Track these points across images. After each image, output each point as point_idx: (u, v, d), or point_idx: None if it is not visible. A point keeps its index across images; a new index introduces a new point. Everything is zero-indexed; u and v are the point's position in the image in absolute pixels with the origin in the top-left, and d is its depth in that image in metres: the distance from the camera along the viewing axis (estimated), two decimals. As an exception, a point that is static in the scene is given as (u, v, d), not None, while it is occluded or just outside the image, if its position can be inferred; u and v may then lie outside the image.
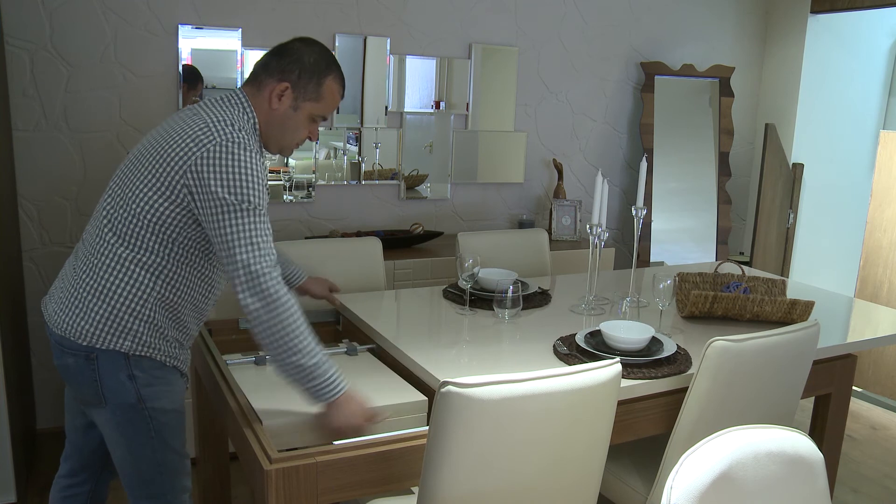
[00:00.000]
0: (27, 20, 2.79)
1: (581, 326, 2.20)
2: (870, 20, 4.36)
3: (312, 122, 1.73)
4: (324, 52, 1.71)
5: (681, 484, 1.10)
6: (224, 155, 1.53)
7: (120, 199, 1.60)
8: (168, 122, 1.66)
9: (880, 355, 4.11)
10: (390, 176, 3.51)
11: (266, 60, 1.70)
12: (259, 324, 1.52)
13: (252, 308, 1.51)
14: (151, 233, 1.57)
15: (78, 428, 1.81)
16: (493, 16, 3.63)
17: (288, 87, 1.67)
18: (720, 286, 2.53)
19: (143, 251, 1.58)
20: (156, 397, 1.63)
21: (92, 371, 1.59)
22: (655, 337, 2.04)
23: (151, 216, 1.56)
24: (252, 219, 1.53)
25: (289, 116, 1.69)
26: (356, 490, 1.55)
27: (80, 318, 1.58)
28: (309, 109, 1.70)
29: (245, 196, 1.53)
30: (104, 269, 1.58)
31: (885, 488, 3.01)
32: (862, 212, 4.56)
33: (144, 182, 1.57)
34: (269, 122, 1.69)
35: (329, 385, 1.56)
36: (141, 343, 1.60)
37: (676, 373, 1.86)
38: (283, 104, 1.68)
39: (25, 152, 2.87)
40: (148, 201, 1.56)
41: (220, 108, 1.63)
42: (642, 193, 2.41)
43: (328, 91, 1.71)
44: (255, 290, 1.51)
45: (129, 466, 1.67)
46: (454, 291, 2.48)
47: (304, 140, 1.76)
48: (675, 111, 4.09)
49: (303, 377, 1.54)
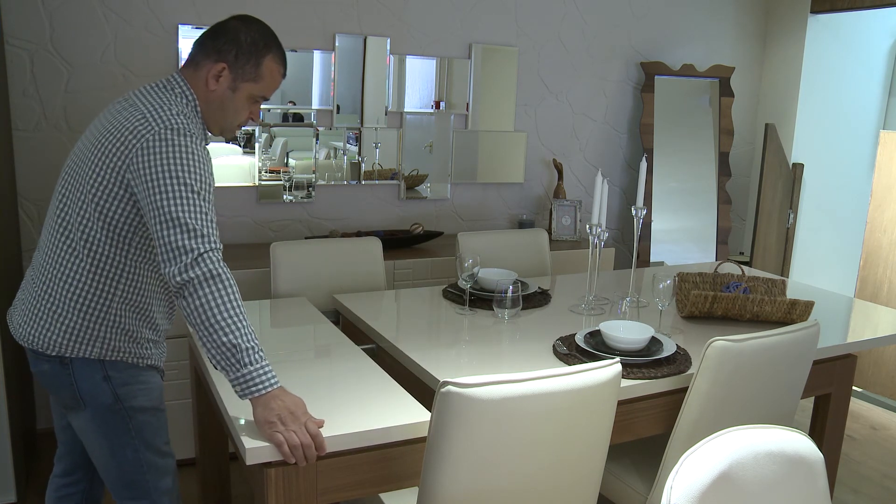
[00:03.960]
0: (27, 20, 2.79)
1: (581, 326, 2.20)
2: (870, 20, 4.36)
3: (254, 102, 1.68)
4: (263, 30, 1.66)
5: (681, 484, 1.10)
6: (162, 142, 1.48)
7: (70, 204, 1.56)
8: (104, 115, 1.61)
9: (880, 355, 4.11)
10: (390, 176, 3.51)
11: (202, 40, 1.65)
12: (192, 300, 1.41)
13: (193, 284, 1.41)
14: (105, 235, 1.54)
15: (65, 427, 1.81)
16: (493, 16, 3.63)
17: (225, 67, 1.61)
18: (720, 286, 2.53)
19: (100, 257, 1.55)
20: (132, 396, 1.63)
21: (68, 375, 1.59)
22: (655, 337, 2.04)
23: (102, 217, 1.53)
24: (193, 201, 1.46)
25: (227, 97, 1.64)
26: (356, 490, 1.55)
27: (46, 330, 1.57)
28: (248, 90, 1.65)
29: (183, 179, 1.46)
30: (64, 281, 1.56)
31: (885, 488, 3.01)
32: (862, 212, 4.56)
33: (90, 183, 1.53)
34: (208, 103, 1.64)
35: (263, 376, 1.43)
36: (111, 349, 1.59)
37: (676, 373, 1.86)
38: (221, 85, 1.63)
39: (25, 152, 2.87)
40: (97, 202, 1.52)
41: (155, 95, 1.58)
42: (642, 193, 2.41)
43: (267, 71, 1.65)
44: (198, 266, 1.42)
45: (112, 469, 1.66)
46: (454, 291, 2.48)
47: (247, 121, 1.71)
48: (675, 111, 4.09)
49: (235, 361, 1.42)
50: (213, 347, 1.42)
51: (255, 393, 1.43)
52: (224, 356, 1.42)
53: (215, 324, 1.42)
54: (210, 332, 1.42)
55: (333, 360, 1.88)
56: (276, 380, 1.45)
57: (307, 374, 1.78)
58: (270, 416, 1.42)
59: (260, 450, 1.43)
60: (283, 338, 2.05)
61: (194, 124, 1.59)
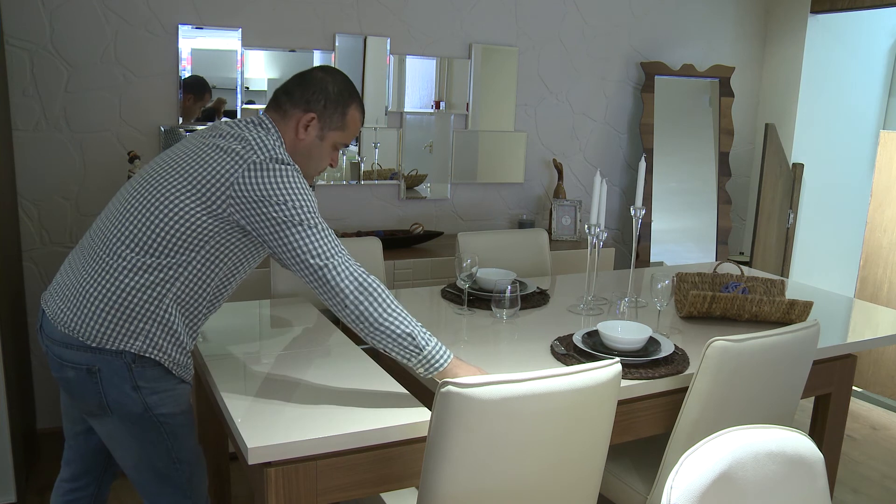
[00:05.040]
0: (27, 20, 2.79)
1: (579, 327, 2.20)
2: (870, 20, 4.36)
3: (335, 149, 1.76)
4: (346, 82, 1.74)
5: (681, 484, 1.10)
6: (271, 170, 1.56)
7: (148, 203, 1.58)
8: (202, 135, 1.67)
9: (880, 355, 4.11)
10: (389, 176, 3.51)
11: (289, 88, 1.71)
12: (352, 311, 1.56)
13: (346, 301, 1.55)
14: (179, 239, 1.56)
15: (78, 433, 1.80)
16: (493, 16, 3.63)
17: (314, 117, 1.69)
18: (719, 286, 2.53)
19: (165, 256, 1.56)
20: (162, 404, 1.62)
21: (95, 384, 1.58)
22: (653, 337, 2.04)
23: (187, 225, 1.56)
24: (309, 223, 1.57)
25: (315, 146, 1.71)
26: (356, 490, 1.55)
27: (88, 318, 1.55)
28: (333, 138, 1.73)
29: (295, 203, 1.56)
30: (120, 272, 1.56)
31: (885, 488, 3.01)
32: (862, 212, 4.56)
33: (181, 190, 1.56)
34: (295, 150, 1.70)
35: (438, 353, 1.60)
36: (153, 345, 1.58)
37: (674, 373, 1.86)
38: (310, 134, 1.70)
39: (25, 152, 2.87)
40: (185, 212, 1.55)
41: (254, 129, 1.65)
42: (641, 193, 2.41)
43: (352, 120, 1.74)
44: (340, 284, 1.55)
45: (145, 470, 1.66)
46: (452, 291, 2.48)
47: (326, 168, 1.79)
48: (675, 111, 4.09)
49: (411, 351, 1.58)
50: (391, 343, 1.58)
51: (438, 367, 1.61)
52: (402, 346, 1.58)
53: (384, 323, 1.57)
54: (382, 332, 1.58)
55: (333, 360, 1.88)
56: (450, 352, 1.63)
57: (307, 373, 1.78)
58: None
59: (261, 450, 1.43)
60: (284, 338, 2.05)
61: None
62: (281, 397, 1.66)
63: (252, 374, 1.79)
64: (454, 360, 1.63)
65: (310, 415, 1.57)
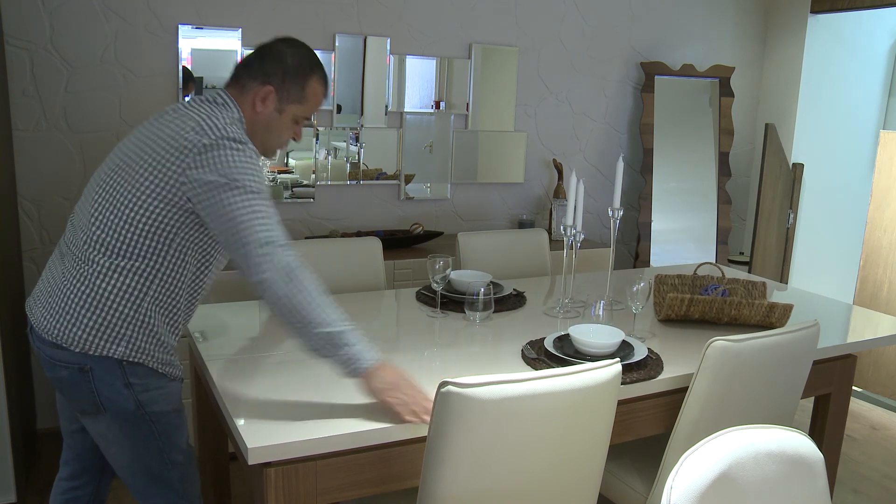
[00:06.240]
0: (27, 20, 2.79)
1: (554, 329, 2.17)
2: (870, 20, 4.36)
3: (296, 123, 1.72)
4: (307, 53, 1.69)
5: (681, 484, 1.10)
6: (219, 151, 1.52)
7: (110, 205, 1.56)
8: (152, 123, 1.62)
9: (880, 356, 4.12)
10: (375, 176, 3.48)
11: (247, 62, 1.67)
12: (278, 298, 1.48)
13: (270, 282, 1.48)
14: (148, 238, 1.55)
15: (75, 432, 1.81)
16: (493, 16, 3.63)
17: (272, 90, 1.65)
18: (698, 289, 2.47)
19: (138, 258, 1.55)
20: (154, 401, 1.63)
21: (87, 382, 1.58)
22: (626, 341, 1.98)
23: (151, 222, 1.54)
24: (255, 200, 1.51)
25: (273, 119, 1.67)
26: (356, 490, 1.55)
27: (71, 325, 1.55)
28: (293, 111, 1.69)
29: (243, 181, 1.51)
30: (96, 277, 1.55)
31: (885, 488, 3.01)
32: (862, 212, 4.56)
33: (139, 188, 1.54)
34: (254, 124, 1.67)
35: (361, 354, 1.52)
36: (136, 349, 1.58)
37: (645, 378, 1.82)
38: (268, 107, 1.66)
39: (25, 152, 2.87)
40: (146, 207, 1.53)
41: (208, 108, 1.60)
42: (619, 194, 2.37)
43: (312, 92, 1.69)
44: (270, 263, 1.48)
45: (137, 470, 1.66)
46: (427, 294, 2.44)
47: (288, 141, 1.74)
48: (675, 111, 4.09)
49: (332, 346, 1.50)
50: (307, 342, 1.52)
51: (359, 369, 1.52)
52: (317, 346, 1.51)
53: (301, 320, 1.49)
54: (301, 325, 1.50)
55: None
56: (375, 356, 1.54)
57: (307, 373, 1.78)
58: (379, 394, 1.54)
59: (261, 450, 1.43)
60: (283, 338, 2.04)
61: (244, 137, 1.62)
62: (281, 397, 1.66)
63: (252, 374, 1.79)
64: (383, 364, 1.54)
65: (309, 415, 1.56)
